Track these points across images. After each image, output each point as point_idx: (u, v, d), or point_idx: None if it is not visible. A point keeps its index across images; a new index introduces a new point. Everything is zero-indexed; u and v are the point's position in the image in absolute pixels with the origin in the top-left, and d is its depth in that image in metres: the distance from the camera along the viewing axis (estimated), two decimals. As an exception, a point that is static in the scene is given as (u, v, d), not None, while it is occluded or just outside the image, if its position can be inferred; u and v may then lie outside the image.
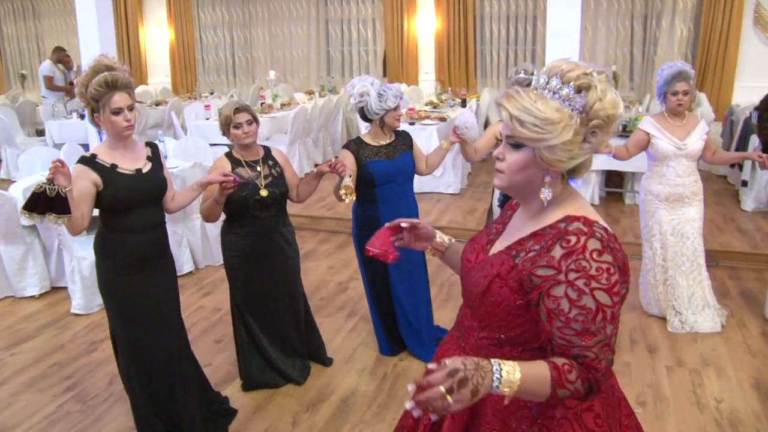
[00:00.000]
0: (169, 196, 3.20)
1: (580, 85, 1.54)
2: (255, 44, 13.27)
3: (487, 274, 1.66)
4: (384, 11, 11.98)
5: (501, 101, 1.60)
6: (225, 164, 3.57)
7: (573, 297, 1.50)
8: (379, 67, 12.44)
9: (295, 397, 3.75)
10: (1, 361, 4.31)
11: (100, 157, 2.98)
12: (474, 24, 11.49)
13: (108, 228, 3.05)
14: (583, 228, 1.55)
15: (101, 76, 2.86)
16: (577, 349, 1.52)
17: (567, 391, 1.49)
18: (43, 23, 14.93)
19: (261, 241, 3.65)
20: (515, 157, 1.61)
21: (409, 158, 3.98)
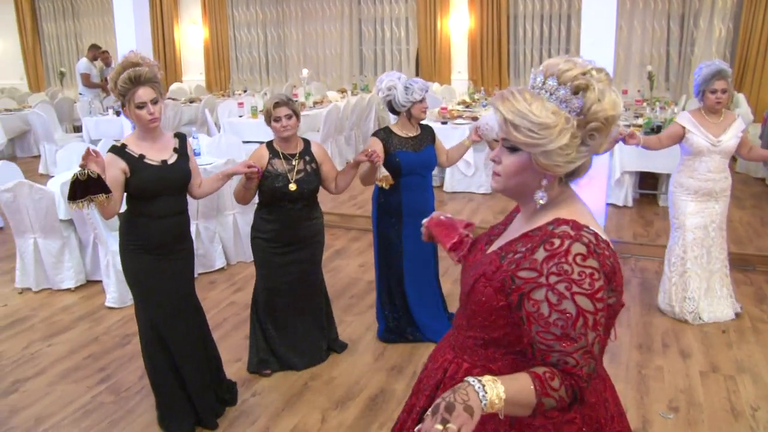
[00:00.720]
0: (196, 183, 3.39)
1: (577, 85, 1.47)
2: (288, 43, 13.36)
3: (474, 274, 1.64)
4: (417, 10, 11.97)
5: (495, 103, 1.54)
6: (263, 153, 3.76)
7: (553, 301, 1.45)
8: (411, 66, 12.43)
9: (324, 394, 3.77)
10: (39, 351, 4.39)
11: (130, 147, 3.16)
12: (507, 23, 11.44)
13: (133, 212, 3.23)
14: (570, 231, 1.49)
15: (126, 72, 3.02)
16: (557, 355, 1.46)
17: (552, 399, 1.43)
18: (82, 22, 15.21)
19: (285, 230, 3.81)
20: (511, 160, 1.56)
21: (432, 152, 4.18)
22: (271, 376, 3.96)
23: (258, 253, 3.92)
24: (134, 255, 3.23)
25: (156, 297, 3.27)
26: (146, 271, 3.24)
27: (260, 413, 3.59)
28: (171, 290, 3.29)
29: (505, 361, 1.61)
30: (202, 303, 4.97)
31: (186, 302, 3.39)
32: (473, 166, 7.79)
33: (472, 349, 1.69)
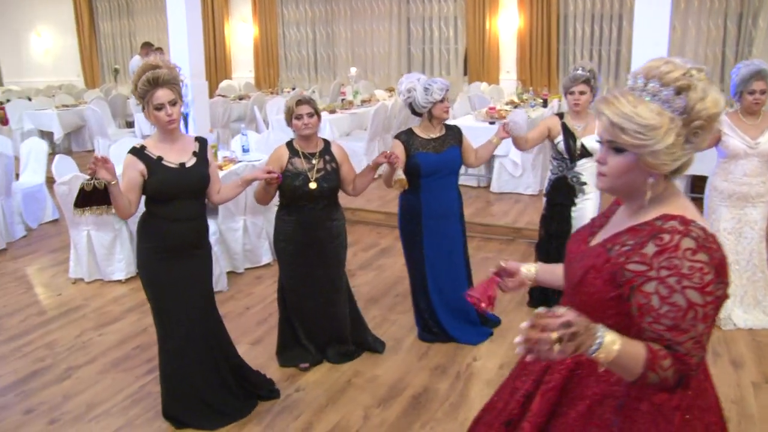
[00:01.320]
0: (215, 189, 3.40)
1: (680, 86, 1.52)
2: (337, 41, 13.42)
3: (582, 265, 1.69)
4: (466, 9, 11.90)
5: (600, 107, 1.59)
6: (283, 153, 3.78)
7: (663, 294, 1.51)
8: (459, 66, 12.38)
9: (367, 391, 3.77)
10: (91, 340, 4.51)
11: (149, 149, 3.19)
12: (557, 23, 11.29)
13: (150, 214, 3.26)
14: (678, 227, 1.54)
15: (145, 75, 3.06)
16: (668, 343, 1.52)
17: (657, 376, 1.49)
18: (137, 20, 15.54)
19: (305, 231, 3.81)
20: (617, 161, 1.62)
21: (456, 153, 4.10)
22: (309, 369, 3.99)
23: (280, 255, 3.93)
24: (149, 256, 3.26)
25: (169, 299, 3.29)
26: (160, 272, 3.26)
27: (304, 409, 3.62)
28: (184, 294, 3.30)
29: None
30: (248, 298, 5.11)
31: (200, 307, 3.39)
32: (521, 167, 7.72)
33: None
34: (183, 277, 3.28)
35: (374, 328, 4.45)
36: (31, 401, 3.78)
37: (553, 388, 1.80)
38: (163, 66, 3.12)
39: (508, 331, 4.42)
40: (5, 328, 4.77)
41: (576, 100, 4.28)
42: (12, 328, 4.75)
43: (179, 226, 3.22)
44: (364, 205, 7.15)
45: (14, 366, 4.19)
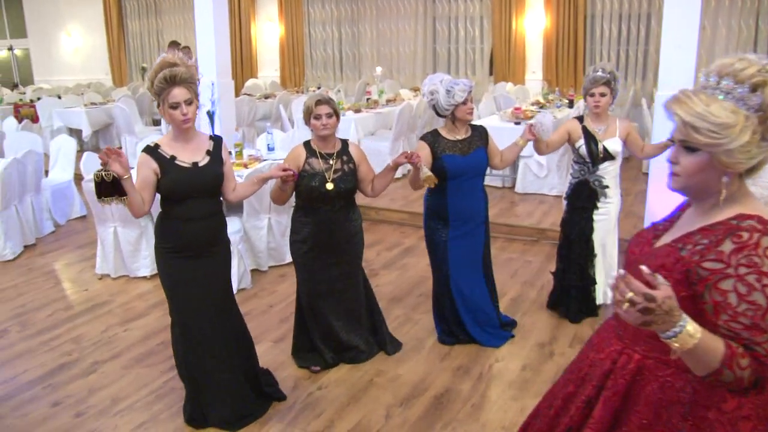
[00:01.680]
0: (230, 187, 3.36)
1: (755, 83, 1.50)
2: (362, 40, 13.44)
3: (651, 265, 1.63)
4: (492, 9, 11.86)
5: (671, 106, 1.58)
6: (300, 152, 3.74)
7: (742, 292, 1.48)
8: (485, 66, 12.33)
9: (389, 390, 3.77)
10: (116, 335, 4.56)
11: (162, 148, 3.17)
12: (584, 22, 11.20)
13: (166, 213, 3.24)
14: (757, 226, 1.53)
15: (162, 72, 3.05)
16: (746, 342, 1.49)
17: (733, 374, 1.46)
18: (164, 19, 15.70)
19: (322, 232, 3.77)
20: (690, 160, 1.60)
21: (483, 154, 4.04)
22: (319, 372, 3.96)
23: (296, 257, 3.89)
24: (166, 255, 3.25)
25: (185, 299, 3.28)
26: (177, 272, 3.25)
27: (326, 407, 3.63)
28: (201, 293, 3.28)
29: None
30: (272, 296, 5.14)
31: (217, 306, 3.37)
32: (546, 168, 7.67)
33: (645, 340, 1.72)
34: (201, 275, 3.27)
35: (397, 327, 4.46)
36: (58, 394, 3.83)
37: (616, 394, 1.77)
38: (180, 64, 3.10)
39: (531, 333, 4.40)
40: (33, 322, 4.84)
41: (596, 102, 4.21)
42: (40, 322, 4.82)
43: (195, 225, 3.20)
44: (388, 204, 7.15)
45: (42, 359, 4.25)
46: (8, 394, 3.86)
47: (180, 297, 3.28)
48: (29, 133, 8.53)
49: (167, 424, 3.51)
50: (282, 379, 3.87)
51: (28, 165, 6.63)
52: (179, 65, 3.09)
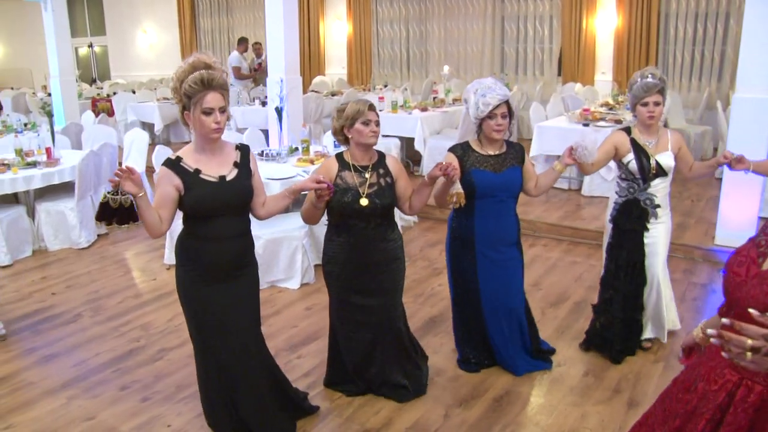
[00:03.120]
0: (259, 202, 3.07)
1: None
2: (430, 39, 13.41)
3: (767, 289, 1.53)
4: (562, 8, 11.66)
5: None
6: (332, 165, 3.36)
7: None
8: (554, 66, 12.14)
9: (449, 390, 3.76)
10: (182, 324, 4.61)
11: (185, 161, 2.88)
12: (658, 22, 10.89)
13: (189, 233, 2.96)
14: None
15: (198, 73, 2.75)
16: None
17: None
18: (235, 17, 16.02)
19: (357, 253, 3.36)
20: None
21: (517, 174, 3.61)
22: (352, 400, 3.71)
23: (330, 281, 3.49)
24: (188, 277, 2.96)
25: (209, 325, 2.99)
26: (201, 297, 2.96)
27: (384, 404, 3.63)
28: (228, 319, 2.99)
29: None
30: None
31: (245, 332, 3.09)
32: (614, 170, 7.49)
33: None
34: (227, 301, 2.98)
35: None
36: (126, 379, 3.96)
37: (739, 430, 1.64)
38: (215, 67, 2.81)
39: (595, 338, 4.30)
40: (105, 308, 5.02)
41: (650, 111, 3.72)
42: (111, 309, 4.99)
43: (221, 246, 2.91)
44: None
45: (112, 344, 4.40)
46: (81, 375, 4.01)
47: (204, 323, 3.00)
48: (105, 126, 8.85)
49: (229, 413, 3.58)
50: (342, 374, 3.90)
51: (104, 157, 6.86)
52: (214, 68, 2.81)
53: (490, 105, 3.43)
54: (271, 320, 4.71)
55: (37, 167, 6.39)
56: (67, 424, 3.53)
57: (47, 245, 6.43)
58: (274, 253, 5.26)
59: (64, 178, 6.48)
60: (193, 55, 2.84)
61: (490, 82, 3.53)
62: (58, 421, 3.55)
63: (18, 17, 19.32)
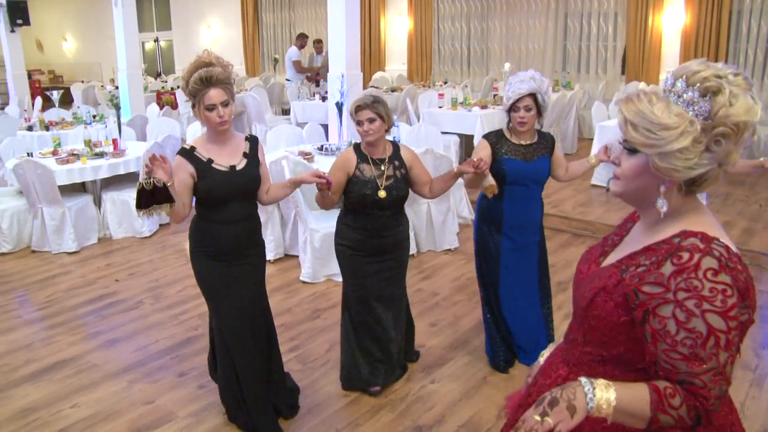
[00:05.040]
0: (264, 189, 3.26)
1: (706, 88, 1.39)
2: (491, 36, 13.30)
3: (593, 287, 1.57)
4: (627, 5, 11.40)
5: (620, 104, 1.50)
6: (350, 157, 3.50)
7: (681, 318, 1.37)
8: (617, 64, 11.90)
9: (502, 390, 3.72)
10: (238, 315, 4.75)
11: (198, 151, 3.09)
12: (729, 19, 10.53)
13: (201, 217, 3.17)
14: (699, 244, 1.40)
15: (198, 72, 2.93)
16: (682, 375, 1.39)
17: (670, 417, 1.37)
18: (297, 12, 16.20)
19: (372, 238, 3.55)
20: (630, 162, 1.50)
21: (546, 163, 3.74)
22: (381, 393, 3.72)
23: (345, 261, 3.65)
24: (203, 259, 3.18)
25: (224, 303, 3.21)
26: (215, 276, 3.18)
27: (437, 401, 3.63)
28: (239, 296, 3.21)
29: (626, 379, 1.51)
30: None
31: (254, 308, 3.30)
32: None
33: (589, 366, 1.62)
34: (238, 277, 3.20)
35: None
36: (184, 365, 4.05)
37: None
38: (216, 63, 3.00)
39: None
40: (165, 296, 5.14)
41: None
42: (170, 297, 5.11)
43: (231, 229, 3.12)
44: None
45: (171, 332, 4.51)
46: (141, 360, 4.12)
47: (220, 300, 3.21)
48: (169, 118, 9.06)
49: (284, 403, 3.62)
50: (395, 370, 3.91)
51: (167, 148, 7.03)
52: (215, 65, 2.99)
53: (512, 98, 3.55)
54: (325, 314, 4.75)
55: (104, 158, 6.58)
56: (128, 407, 3.63)
57: (111, 233, 6.62)
58: (331, 247, 5.29)
59: (129, 169, 6.66)
60: (197, 55, 3.03)
61: (525, 75, 3.57)
62: (120, 403, 3.66)
63: (89, 14, 19.95)
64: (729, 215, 6.63)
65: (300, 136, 7.35)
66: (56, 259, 6.06)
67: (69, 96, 14.64)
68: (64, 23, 21.54)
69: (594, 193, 7.74)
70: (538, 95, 3.53)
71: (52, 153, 6.74)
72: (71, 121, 9.00)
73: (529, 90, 3.49)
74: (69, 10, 21.05)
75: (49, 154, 6.73)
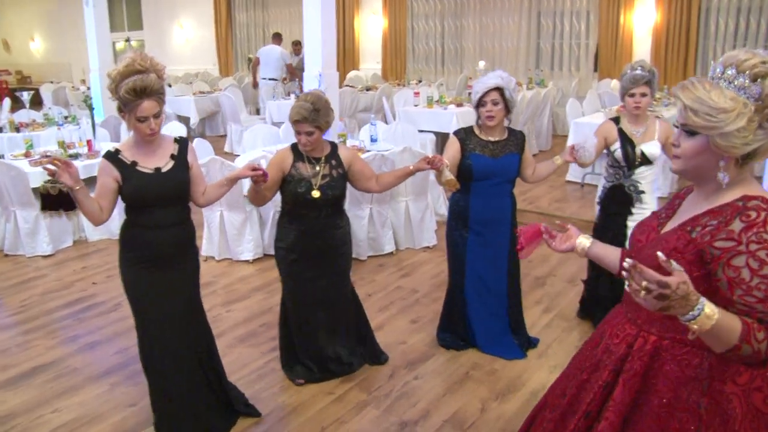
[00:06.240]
0: (199, 191, 3.17)
1: (756, 73, 1.59)
2: (465, 34, 13.38)
3: (662, 249, 1.71)
4: (599, 3, 11.55)
5: (676, 92, 1.69)
6: (287, 156, 3.51)
7: (754, 267, 1.57)
8: (590, 62, 12.05)
9: (485, 384, 3.76)
10: (219, 315, 4.74)
11: (123, 153, 2.99)
12: (698, 17, 10.71)
13: (130, 221, 3.05)
14: (762, 205, 1.62)
15: (132, 81, 2.79)
16: (760, 315, 1.57)
17: (751, 348, 1.54)
18: (270, 12, 16.15)
19: (308, 240, 3.54)
20: (690, 143, 1.70)
21: (514, 160, 3.78)
22: (303, 385, 3.77)
23: (282, 265, 3.65)
24: (131, 266, 3.05)
25: (150, 313, 3.08)
26: (142, 284, 3.05)
27: (421, 396, 3.66)
28: (167, 307, 3.09)
29: None
30: (371, 285, 5.20)
31: (184, 321, 3.17)
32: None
33: (661, 321, 1.80)
34: (168, 286, 3.08)
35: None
36: (167, 368, 4.02)
37: (635, 375, 1.83)
38: (150, 69, 2.85)
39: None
40: (144, 298, 5.10)
41: (637, 102, 3.92)
42: (150, 299, 5.07)
43: (161, 234, 3.01)
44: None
45: (152, 334, 4.47)
46: (123, 363, 4.09)
47: (146, 310, 3.09)
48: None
49: (268, 401, 3.63)
50: (379, 368, 3.94)
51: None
52: (149, 71, 2.84)
53: (479, 93, 3.65)
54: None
55: (79, 159, 6.51)
56: (111, 409, 3.61)
57: (87, 236, 6.54)
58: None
59: (104, 170, 6.59)
60: (128, 55, 2.86)
61: (493, 74, 3.69)
62: (103, 407, 3.64)
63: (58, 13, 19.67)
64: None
65: (277, 135, 7.34)
66: (31, 262, 5.98)
67: (38, 97, 14.44)
68: (33, 23, 21.21)
69: (569, 189, 7.84)
70: (506, 90, 3.61)
71: (24, 155, 6.64)
72: (42, 122, 8.87)
73: (495, 84, 3.60)
74: (37, 9, 20.73)
75: (22, 156, 6.63)
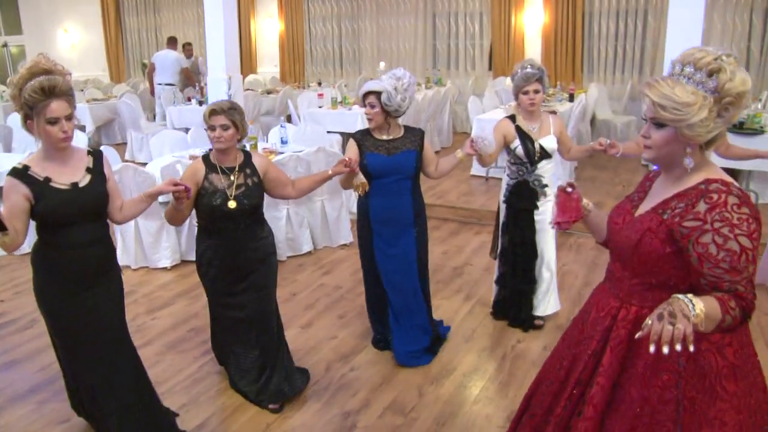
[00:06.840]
0: (116, 206, 2.98)
1: (711, 69, 1.80)
2: (363, 36, 13.54)
3: (637, 230, 1.96)
4: (492, 5, 11.99)
5: (644, 90, 1.89)
6: (199, 168, 3.36)
7: (719, 242, 1.78)
8: (484, 61, 12.47)
9: (419, 372, 3.91)
10: (144, 323, 4.66)
11: (33, 169, 2.74)
12: (582, 19, 11.35)
13: (44, 242, 2.84)
14: (722, 187, 1.82)
15: (37, 80, 2.61)
16: (727, 284, 1.79)
17: (730, 316, 1.74)
18: (162, 16, 15.73)
19: (227, 254, 3.39)
20: (659, 135, 1.90)
21: (411, 157, 3.81)
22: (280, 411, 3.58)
23: (204, 281, 3.53)
24: (49, 290, 2.86)
25: (73, 337, 2.90)
26: (67, 311, 2.85)
27: (360, 387, 3.77)
28: (95, 330, 2.90)
29: None
30: (293, 284, 5.25)
31: (110, 342, 2.99)
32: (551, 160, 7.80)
33: (640, 294, 2.02)
34: (91, 309, 2.88)
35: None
36: (97, 379, 3.93)
37: (621, 342, 2.03)
38: (56, 71, 2.67)
39: (550, 316, 4.52)
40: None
41: (531, 99, 4.08)
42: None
43: (79, 254, 2.81)
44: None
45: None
46: (48, 379, 3.96)
47: (67, 335, 2.91)
48: (38, 128, 8.57)
49: (208, 404, 3.64)
50: (314, 363, 4.03)
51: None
52: (56, 73, 2.67)
53: (362, 94, 3.76)
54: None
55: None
56: (43, 428, 3.49)
57: (-12, 252, 6.25)
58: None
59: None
60: (31, 59, 2.71)
61: (386, 75, 3.74)
62: (33, 426, 3.51)
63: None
64: (598, 196, 7.14)
65: (185, 140, 7.23)
66: (-71, 282, 5.66)
67: None
68: None
69: (474, 183, 8.14)
70: (383, 93, 3.64)
71: None
72: None
73: (369, 88, 3.68)
74: None
75: None
